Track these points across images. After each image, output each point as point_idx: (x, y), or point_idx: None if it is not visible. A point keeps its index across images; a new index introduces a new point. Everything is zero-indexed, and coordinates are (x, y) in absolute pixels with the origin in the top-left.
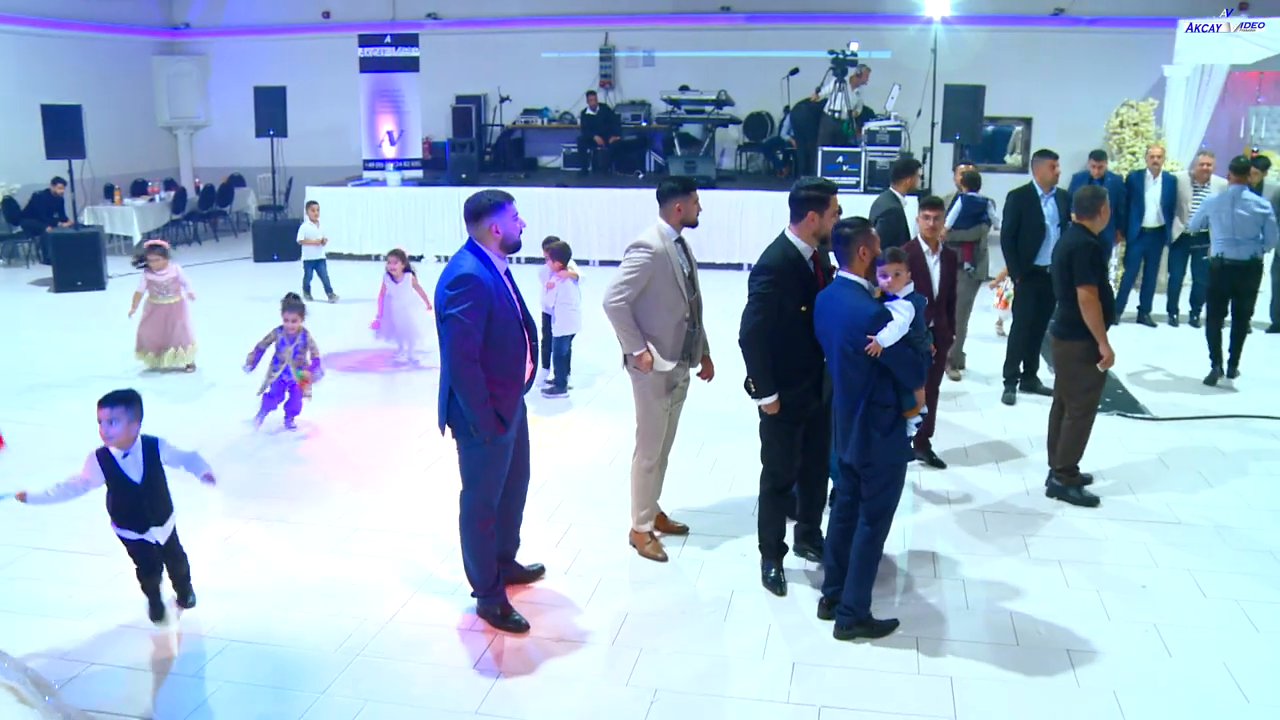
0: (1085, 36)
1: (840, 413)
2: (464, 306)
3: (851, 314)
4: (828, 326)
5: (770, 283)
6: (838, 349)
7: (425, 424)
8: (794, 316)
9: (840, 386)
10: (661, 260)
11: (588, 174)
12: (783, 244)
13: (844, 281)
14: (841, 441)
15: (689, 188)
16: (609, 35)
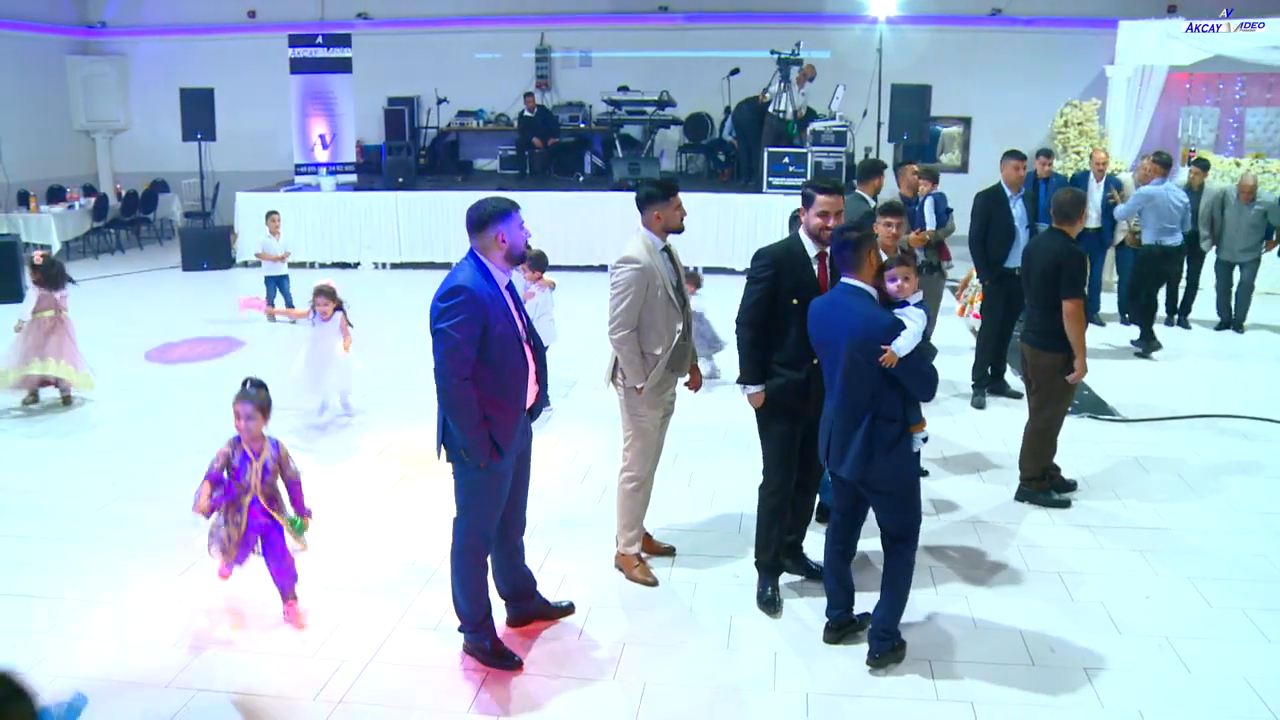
0: (1022, 37)
1: (838, 427)
2: (455, 320)
3: (865, 322)
4: (832, 336)
5: (766, 266)
6: (844, 359)
7: (387, 443)
8: (785, 308)
9: (842, 399)
10: (650, 274)
11: (526, 177)
12: (792, 239)
13: (850, 289)
14: (838, 457)
15: (669, 192)
16: (545, 35)
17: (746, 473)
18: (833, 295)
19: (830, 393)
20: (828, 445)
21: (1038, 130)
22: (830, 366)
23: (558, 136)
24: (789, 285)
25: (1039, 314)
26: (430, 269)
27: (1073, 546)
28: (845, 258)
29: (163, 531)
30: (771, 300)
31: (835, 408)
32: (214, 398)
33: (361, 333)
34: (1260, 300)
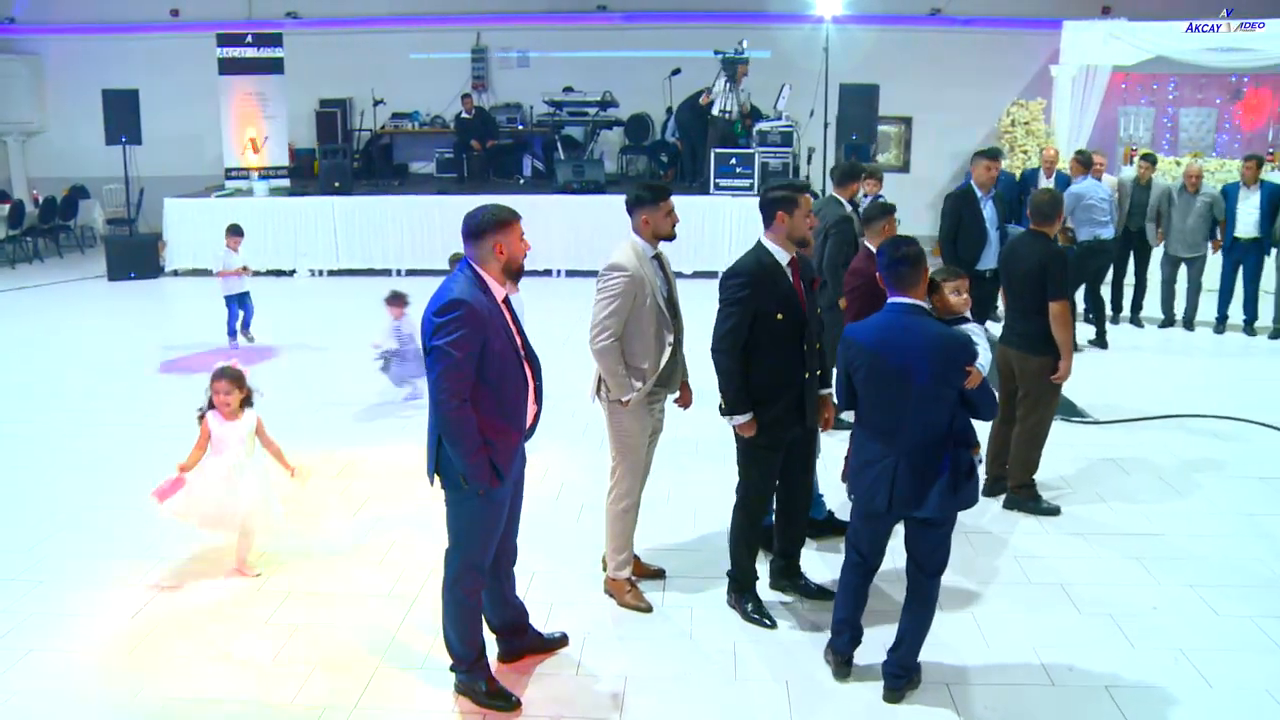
0: (962, 36)
1: (908, 465)
2: (453, 336)
3: (945, 343)
4: (903, 363)
5: (743, 285)
6: (918, 388)
7: (348, 461)
8: (771, 326)
9: (915, 433)
10: (639, 283)
11: (465, 180)
12: (757, 250)
13: (909, 308)
14: (912, 498)
15: (658, 195)
16: (481, 35)
17: (724, 487)
18: (890, 318)
19: (886, 430)
20: (890, 489)
21: (979, 129)
22: (893, 399)
23: (496, 139)
24: (770, 301)
25: (1024, 318)
26: (369, 276)
27: (1069, 556)
28: (903, 274)
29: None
30: (751, 321)
31: (903, 444)
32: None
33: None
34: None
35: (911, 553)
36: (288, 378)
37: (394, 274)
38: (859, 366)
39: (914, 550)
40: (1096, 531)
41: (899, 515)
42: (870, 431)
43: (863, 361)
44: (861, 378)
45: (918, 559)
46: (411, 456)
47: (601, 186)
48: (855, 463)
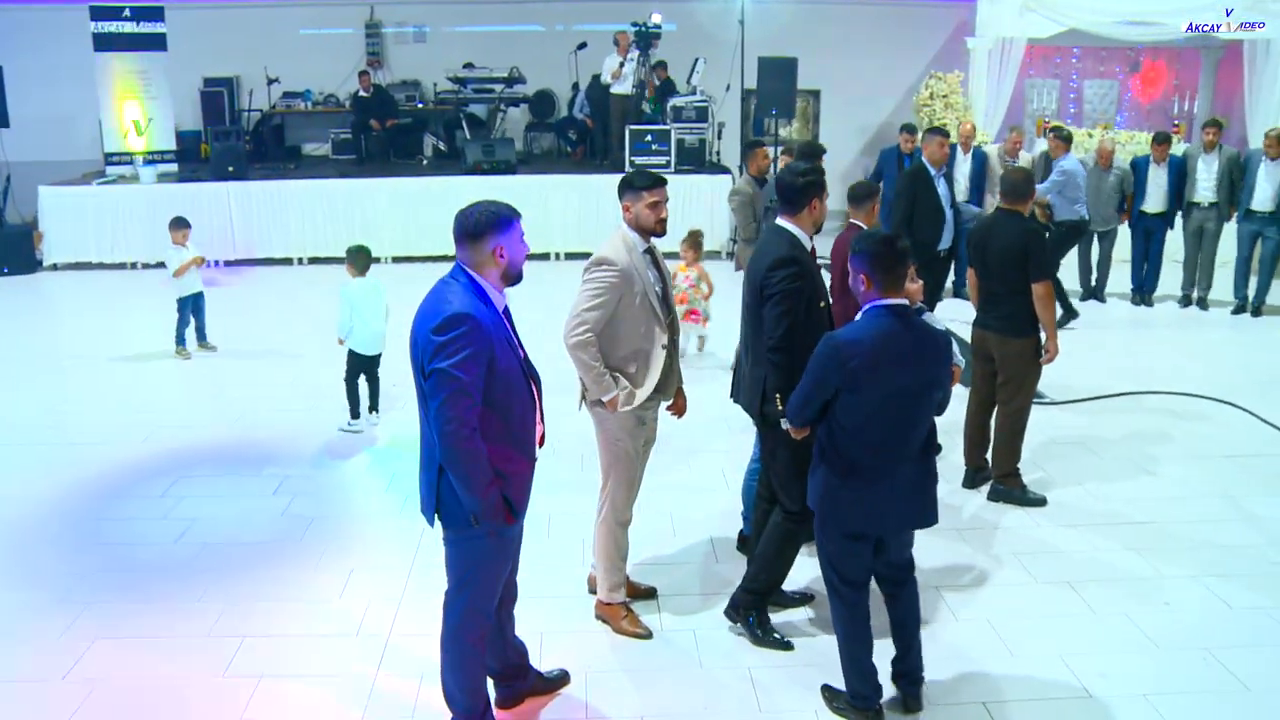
0: (869, 9)
1: (909, 479)
2: (459, 357)
3: (941, 345)
4: (914, 371)
5: (796, 276)
6: (925, 395)
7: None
8: (815, 316)
9: (913, 445)
10: (629, 278)
11: (364, 162)
12: (786, 236)
13: (903, 309)
14: (915, 513)
15: (640, 183)
16: (375, 10)
17: (699, 490)
18: (889, 323)
19: (880, 447)
20: (888, 508)
21: (888, 102)
22: (898, 411)
23: (396, 118)
24: (813, 289)
25: (1002, 299)
26: (267, 265)
27: (1067, 550)
28: (899, 274)
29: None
30: (807, 313)
31: (903, 459)
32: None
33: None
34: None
35: (890, 559)
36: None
37: (295, 263)
38: (860, 380)
39: (892, 556)
40: (1087, 522)
41: (889, 532)
42: (856, 451)
43: (869, 373)
44: (864, 392)
45: (898, 559)
46: (360, 470)
47: (513, 167)
48: (828, 488)
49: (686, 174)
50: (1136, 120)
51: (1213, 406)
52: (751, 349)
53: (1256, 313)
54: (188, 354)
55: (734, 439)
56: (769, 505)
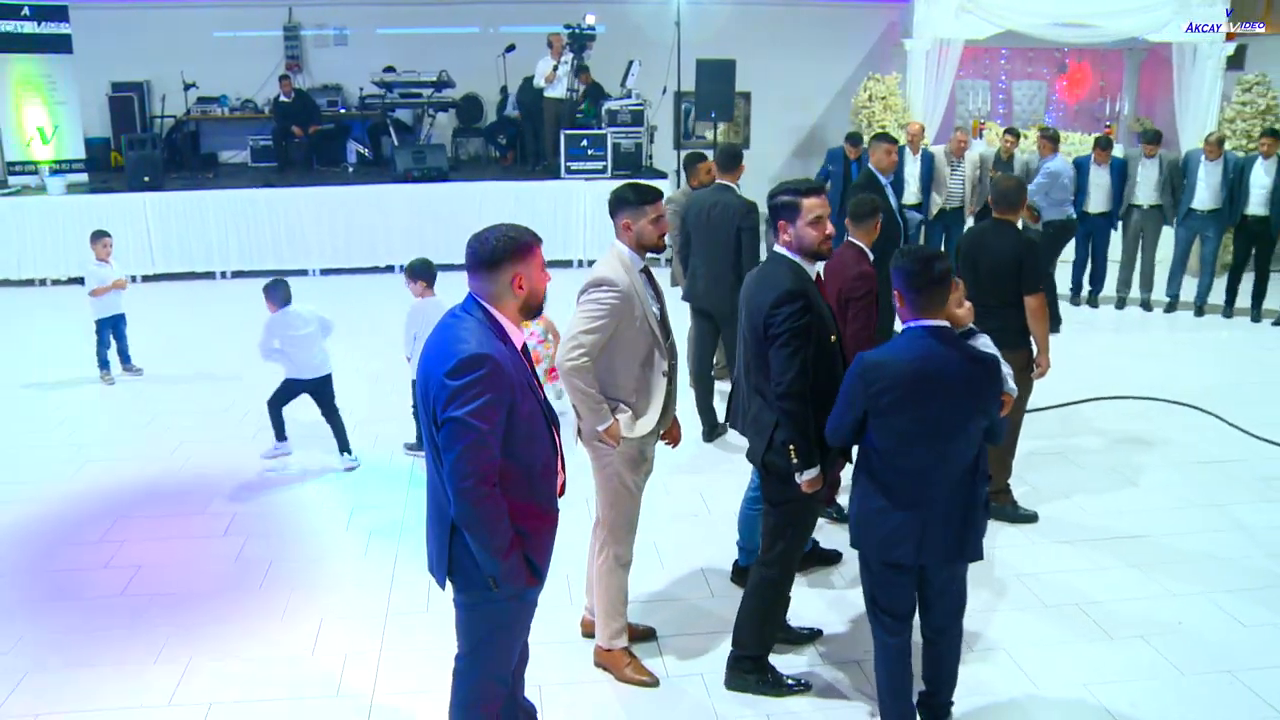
0: (799, 10)
1: (942, 512)
2: (477, 404)
3: (985, 371)
4: (949, 397)
5: (803, 312)
6: (965, 422)
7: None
8: (829, 352)
9: (952, 475)
10: (629, 300)
11: (285, 169)
12: (787, 265)
13: (940, 332)
14: (950, 547)
15: (642, 198)
16: (293, 11)
17: (678, 516)
18: (923, 345)
19: (912, 473)
20: (919, 539)
21: (819, 103)
22: (930, 437)
23: (319, 124)
24: (821, 324)
25: (993, 312)
26: (189, 280)
27: (1069, 569)
28: (936, 296)
29: None
30: (818, 351)
31: (937, 488)
32: None
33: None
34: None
35: (934, 599)
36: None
37: (218, 277)
38: (890, 402)
39: (937, 596)
40: (1083, 537)
41: (926, 564)
42: (889, 475)
43: (896, 396)
44: (892, 415)
45: (944, 602)
46: (315, 505)
47: (445, 174)
48: (864, 511)
49: (624, 179)
50: (1064, 121)
51: (1181, 411)
52: (758, 390)
53: (1199, 312)
54: (111, 378)
55: (707, 459)
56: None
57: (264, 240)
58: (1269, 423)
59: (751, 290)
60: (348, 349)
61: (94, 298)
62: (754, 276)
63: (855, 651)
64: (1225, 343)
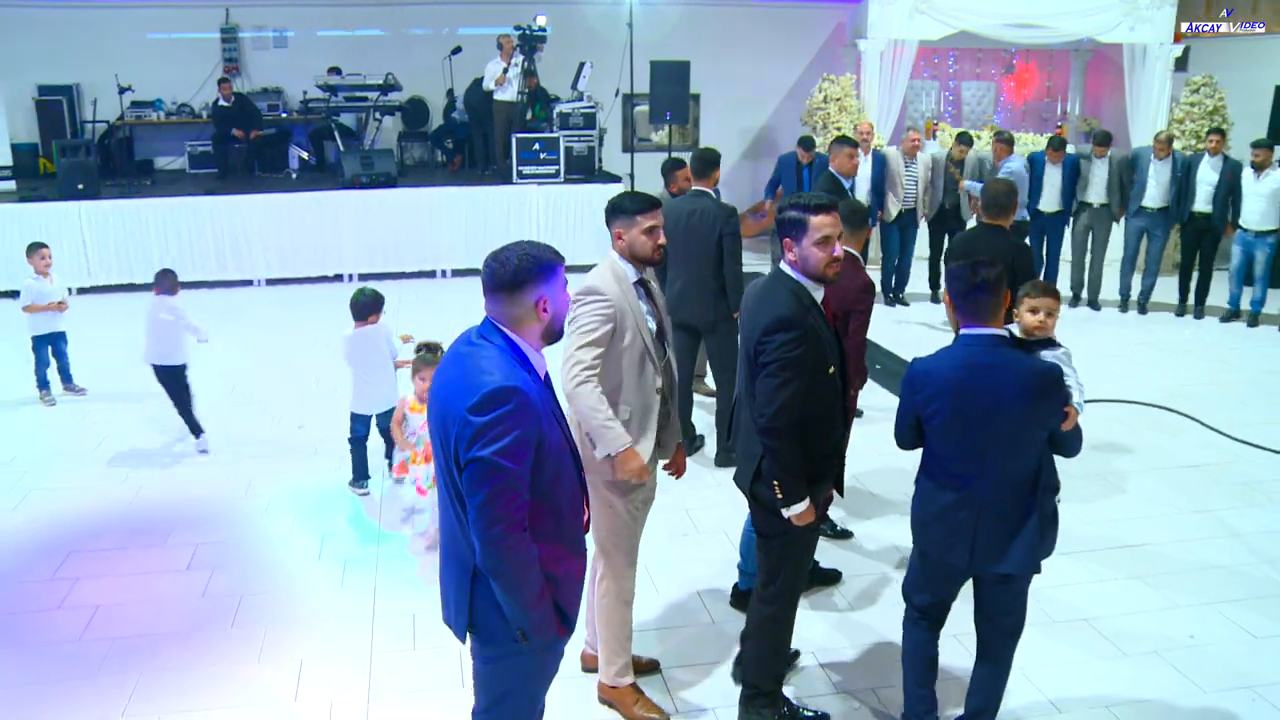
0: (744, 10)
1: (992, 516)
2: (505, 443)
3: (1038, 379)
4: (989, 405)
5: (798, 342)
6: (1009, 431)
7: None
8: (822, 384)
9: (1000, 480)
10: (620, 312)
11: (226, 176)
12: (789, 287)
13: (992, 339)
14: (993, 553)
15: (635, 207)
16: (230, 12)
17: (668, 534)
18: (971, 353)
19: (964, 476)
20: (971, 543)
21: (768, 104)
22: (975, 444)
23: (261, 128)
24: (819, 353)
25: None
26: (128, 291)
27: (1071, 583)
28: (984, 304)
29: None
30: (810, 383)
31: (986, 493)
32: None
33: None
34: None
35: (987, 611)
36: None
37: None
38: (936, 410)
39: (990, 609)
40: (1081, 548)
41: (977, 572)
42: (944, 479)
43: (942, 404)
44: (939, 422)
45: (994, 618)
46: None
47: (394, 179)
48: (924, 513)
49: (576, 183)
50: (1012, 121)
51: (1152, 413)
52: (751, 415)
53: (1143, 310)
54: (52, 399)
55: (690, 473)
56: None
57: (206, 250)
58: (1240, 423)
59: (750, 307)
60: (308, 363)
61: (30, 314)
62: (754, 292)
63: (868, 678)
64: (1186, 342)
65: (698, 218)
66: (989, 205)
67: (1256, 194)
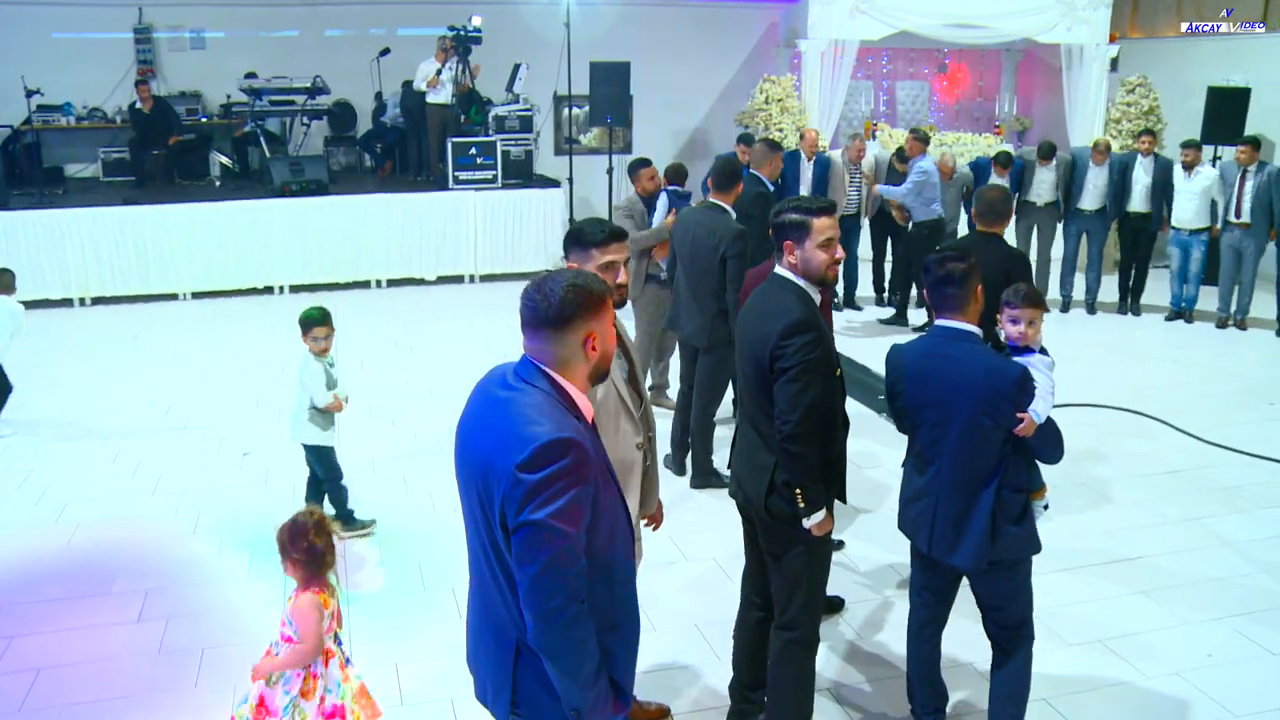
0: (676, 10)
1: (945, 505)
2: (561, 504)
3: (988, 376)
4: (939, 395)
5: (816, 344)
6: (958, 423)
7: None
8: (834, 389)
9: (954, 472)
10: None
11: (144, 184)
12: (793, 290)
13: (957, 333)
14: (946, 543)
15: (592, 239)
16: (144, 12)
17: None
18: (929, 344)
19: (927, 463)
20: (930, 529)
21: (701, 105)
22: (932, 432)
23: (181, 134)
24: (826, 354)
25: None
26: (43, 308)
27: (1078, 601)
28: (950, 296)
29: None
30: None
31: (941, 482)
32: None
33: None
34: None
35: (981, 605)
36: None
37: (77, 304)
38: (900, 393)
39: (983, 600)
40: (1079, 563)
41: (942, 560)
42: (914, 463)
43: (904, 388)
44: (902, 405)
45: (987, 612)
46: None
47: (325, 187)
48: (903, 495)
49: (514, 189)
50: (947, 120)
51: (1125, 416)
52: (755, 427)
53: (1091, 310)
54: None
55: (673, 498)
56: (761, 613)
57: (127, 263)
58: (1206, 425)
59: (752, 320)
60: (247, 382)
61: None
62: (754, 304)
63: (892, 709)
64: (1136, 342)
65: (704, 234)
66: (985, 212)
67: (1188, 193)
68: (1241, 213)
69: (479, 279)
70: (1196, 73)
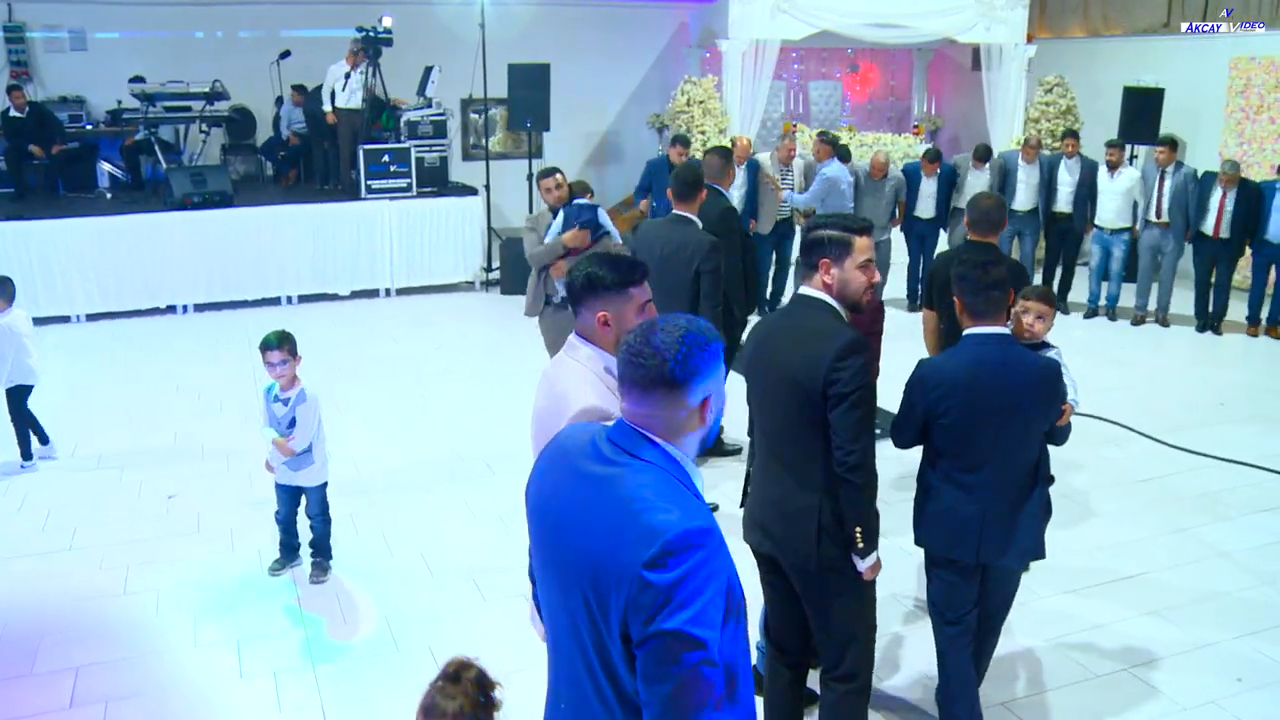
0: (582, 10)
1: (996, 510)
2: (699, 607)
3: (1046, 376)
4: (999, 402)
5: (868, 367)
6: (1016, 426)
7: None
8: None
9: (1004, 475)
10: None
11: (23, 198)
12: (827, 309)
13: (999, 338)
14: (998, 546)
15: (627, 279)
16: (13, 9)
17: None
18: (981, 351)
19: (972, 472)
20: (979, 536)
21: (611, 107)
22: (989, 439)
23: (64, 142)
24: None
25: None
26: None
27: (1092, 626)
28: (995, 300)
29: None
30: None
31: (991, 487)
32: None
33: None
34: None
35: (991, 606)
36: None
37: None
38: (949, 407)
39: (995, 601)
40: (1084, 584)
41: (984, 564)
42: (948, 474)
43: (954, 402)
44: (950, 420)
45: (991, 609)
46: (182, 635)
47: (229, 198)
48: (928, 510)
49: (429, 197)
50: (861, 120)
51: (1088, 421)
52: (791, 465)
53: None
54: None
55: None
56: (790, 671)
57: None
58: (1166, 428)
59: (788, 343)
60: (158, 414)
61: None
62: (785, 326)
63: None
64: (1077, 343)
65: (672, 248)
66: (979, 221)
67: (1112, 192)
68: (1161, 212)
69: (395, 292)
70: (1105, 73)
